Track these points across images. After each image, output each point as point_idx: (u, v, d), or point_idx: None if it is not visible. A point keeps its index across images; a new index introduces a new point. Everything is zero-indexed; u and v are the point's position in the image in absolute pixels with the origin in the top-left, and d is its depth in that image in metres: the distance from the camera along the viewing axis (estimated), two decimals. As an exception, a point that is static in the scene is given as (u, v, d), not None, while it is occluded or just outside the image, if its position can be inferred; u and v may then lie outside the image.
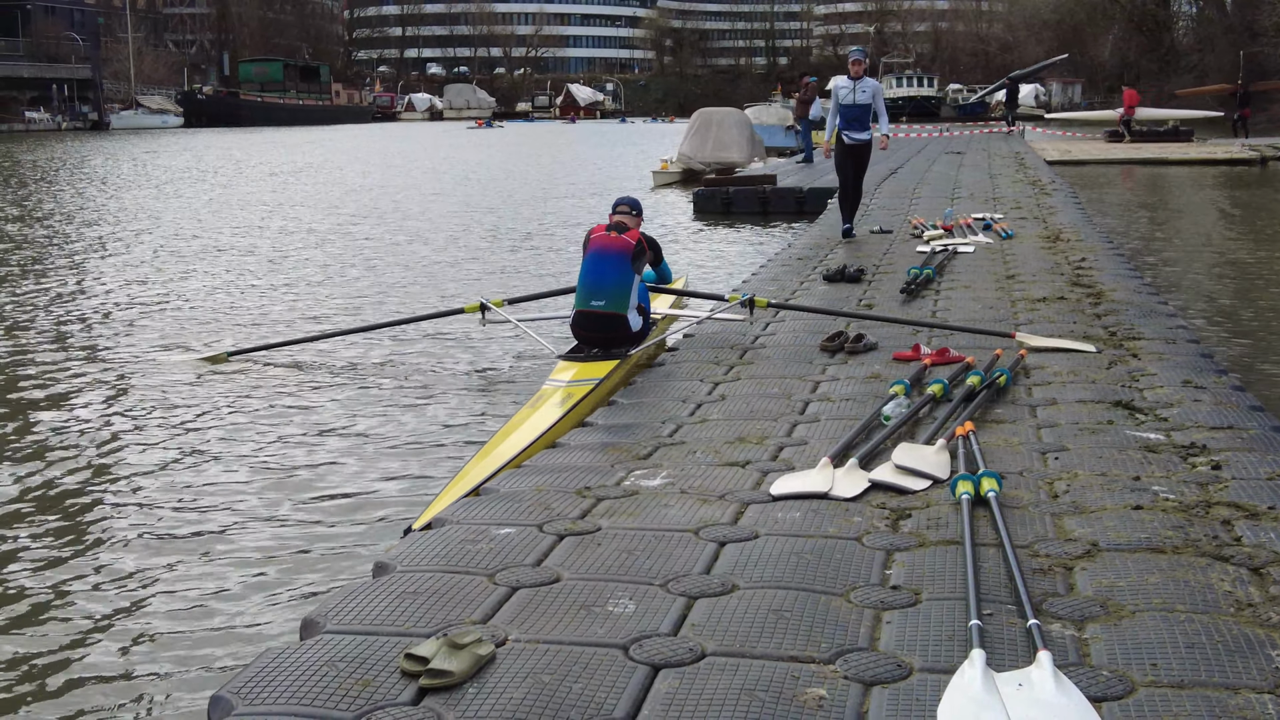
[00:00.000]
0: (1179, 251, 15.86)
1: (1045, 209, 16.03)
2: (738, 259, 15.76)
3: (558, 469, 5.07)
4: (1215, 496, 4.43)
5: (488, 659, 3.18)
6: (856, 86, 12.44)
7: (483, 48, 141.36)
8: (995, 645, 3.25)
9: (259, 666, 3.17)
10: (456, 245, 17.49)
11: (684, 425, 5.77)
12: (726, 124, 29.25)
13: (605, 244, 7.38)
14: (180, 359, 9.37)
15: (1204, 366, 6.64)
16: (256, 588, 5.14)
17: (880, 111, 12.60)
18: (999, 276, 10.18)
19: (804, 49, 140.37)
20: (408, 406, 8.08)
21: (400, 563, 3.93)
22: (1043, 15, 78.69)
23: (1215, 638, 3.27)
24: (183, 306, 12.23)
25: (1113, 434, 5.33)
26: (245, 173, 35.53)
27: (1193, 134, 40.32)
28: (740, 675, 3.10)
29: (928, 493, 4.61)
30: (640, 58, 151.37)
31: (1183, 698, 2.97)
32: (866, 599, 3.59)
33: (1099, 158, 34.27)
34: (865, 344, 7.33)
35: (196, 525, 5.90)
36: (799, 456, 5.14)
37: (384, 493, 6.36)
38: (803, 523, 4.29)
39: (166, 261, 15.83)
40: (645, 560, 3.92)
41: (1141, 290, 9.28)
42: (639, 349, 7.46)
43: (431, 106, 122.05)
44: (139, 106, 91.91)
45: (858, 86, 12.43)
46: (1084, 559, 3.86)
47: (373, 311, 11.70)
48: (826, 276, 10.20)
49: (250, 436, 7.34)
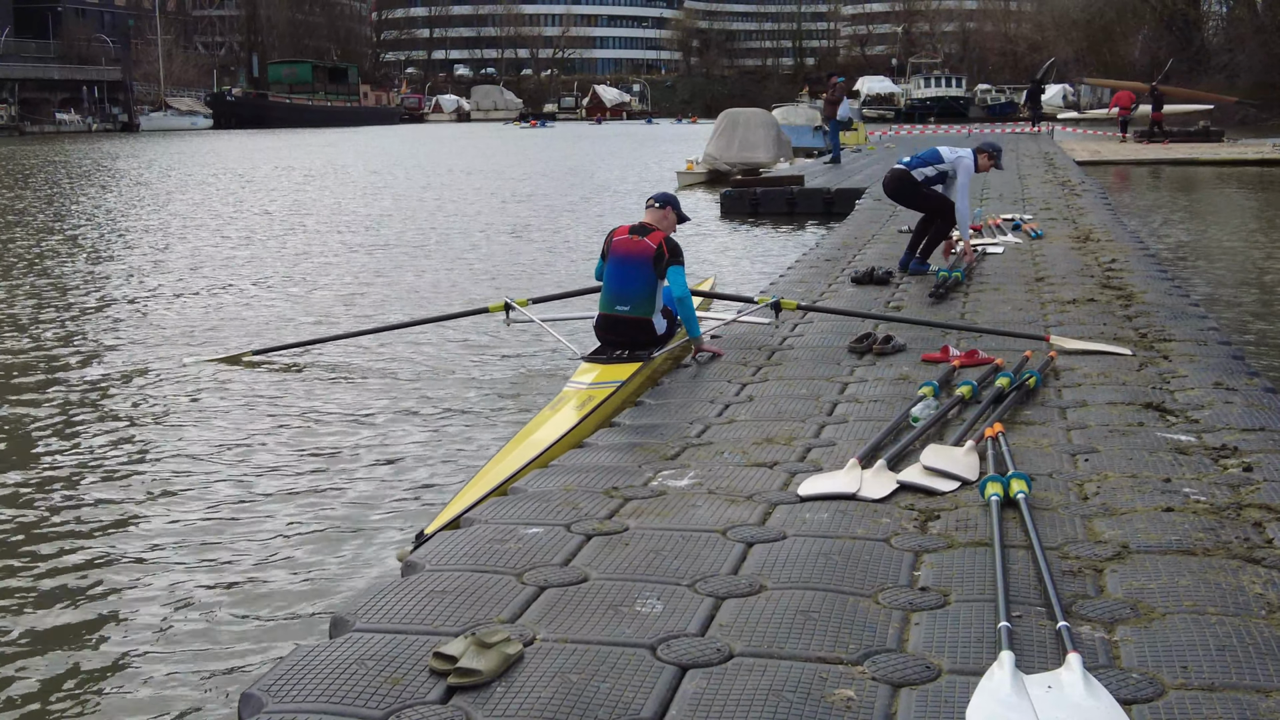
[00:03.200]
0: (1208, 251, 15.77)
1: (1075, 209, 15.95)
2: (765, 260, 15.73)
3: (585, 469, 5.08)
4: (1247, 498, 4.40)
5: (516, 658, 3.18)
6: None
7: (510, 49, 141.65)
8: (1024, 647, 3.24)
9: (289, 664, 3.18)
10: (486, 244, 17.53)
11: (712, 426, 5.77)
12: (753, 124, 29.19)
13: (627, 249, 7.30)
14: (206, 358, 9.42)
15: (1235, 368, 6.59)
16: (286, 586, 5.17)
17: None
18: (1028, 278, 10.13)
19: (831, 49, 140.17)
20: (431, 406, 8.10)
21: (429, 562, 3.94)
22: (1072, 15, 78.23)
23: (1246, 640, 3.25)
24: (208, 305, 12.30)
25: (1143, 435, 5.30)
26: (277, 173, 35.70)
27: (1223, 134, 40.05)
28: (768, 676, 3.10)
29: (956, 494, 4.60)
30: (667, 58, 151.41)
31: (1213, 700, 2.95)
32: (895, 600, 3.58)
33: (1130, 158, 34.07)
34: (894, 345, 7.31)
35: (223, 523, 5.93)
36: (827, 457, 5.14)
37: (411, 491, 6.39)
38: (831, 523, 4.28)
39: (193, 260, 15.93)
40: (673, 560, 3.92)
41: (1172, 292, 9.22)
42: (663, 351, 7.44)
43: (459, 108, 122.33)
44: (168, 108, 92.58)
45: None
46: (1114, 561, 3.84)
47: (397, 310, 11.74)
48: (855, 278, 10.16)
49: (273, 435, 7.38)
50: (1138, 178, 29.83)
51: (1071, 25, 77.62)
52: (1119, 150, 36.23)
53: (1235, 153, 34.66)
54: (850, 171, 25.18)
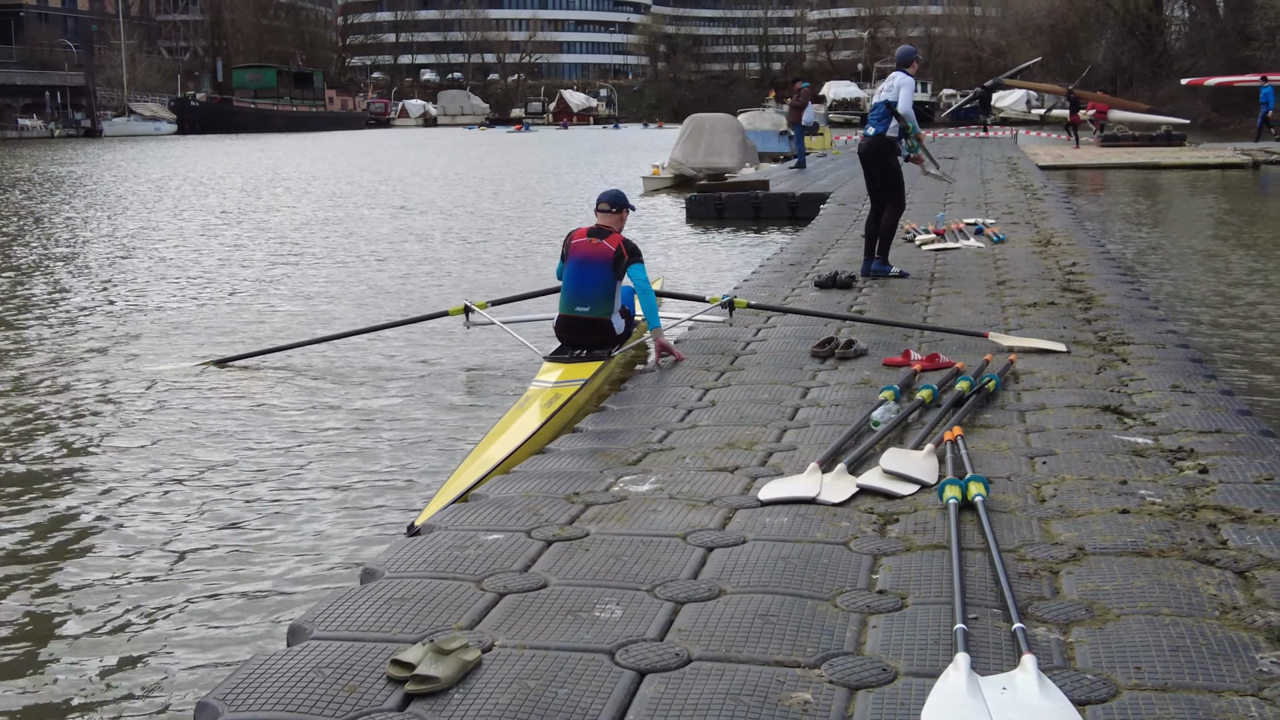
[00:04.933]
0: (1169, 253, 15.91)
1: (1037, 214, 16.07)
2: (730, 265, 15.76)
3: (547, 475, 5.08)
4: (1202, 500, 4.45)
5: (474, 664, 3.18)
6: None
7: (476, 54, 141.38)
8: (980, 649, 3.26)
9: (245, 673, 3.17)
10: (444, 249, 17.49)
11: (674, 431, 5.78)
12: (719, 129, 29.25)
13: (586, 251, 7.53)
14: (169, 366, 9.36)
15: (1193, 371, 6.66)
16: (244, 594, 5.14)
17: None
18: (990, 282, 10.20)
19: (797, 54, 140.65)
20: (395, 410, 8.08)
21: (388, 569, 3.93)
22: (1036, 20, 78.78)
23: (1200, 641, 3.28)
24: (172, 314, 12.22)
25: (1101, 438, 5.35)
26: (238, 180, 35.51)
27: (1185, 138, 40.43)
28: (726, 680, 3.11)
29: (915, 497, 4.62)
30: (634, 63, 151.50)
31: (1167, 701, 2.97)
32: (853, 603, 3.60)
33: (1092, 162, 34.33)
34: (856, 350, 7.34)
35: (183, 530, 5.89)
36: (788, 462, 5.15)
37: (372, 498, 6.36)
38: (790, 527, 4.29)
39: (152, 269, 15.82)
40: (633, 565, 3.92)
41: (1132, 295, 9.30)
42: (622, 350, 7.71)
43: (425, 113, 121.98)
44: (132, 113, 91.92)
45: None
46: (1070, 562, 3.87)
47: (357, 316, 11.70)
48: (818, 283, 10.21)
49: (237, 442, 7.34)
50: (1099, 181, 30.05)
51: (1035, 30, 78.15)
52: (1081, 155, 36.50)
53: (1197, 156, 34.98)
54: (815, 176, 25.27)
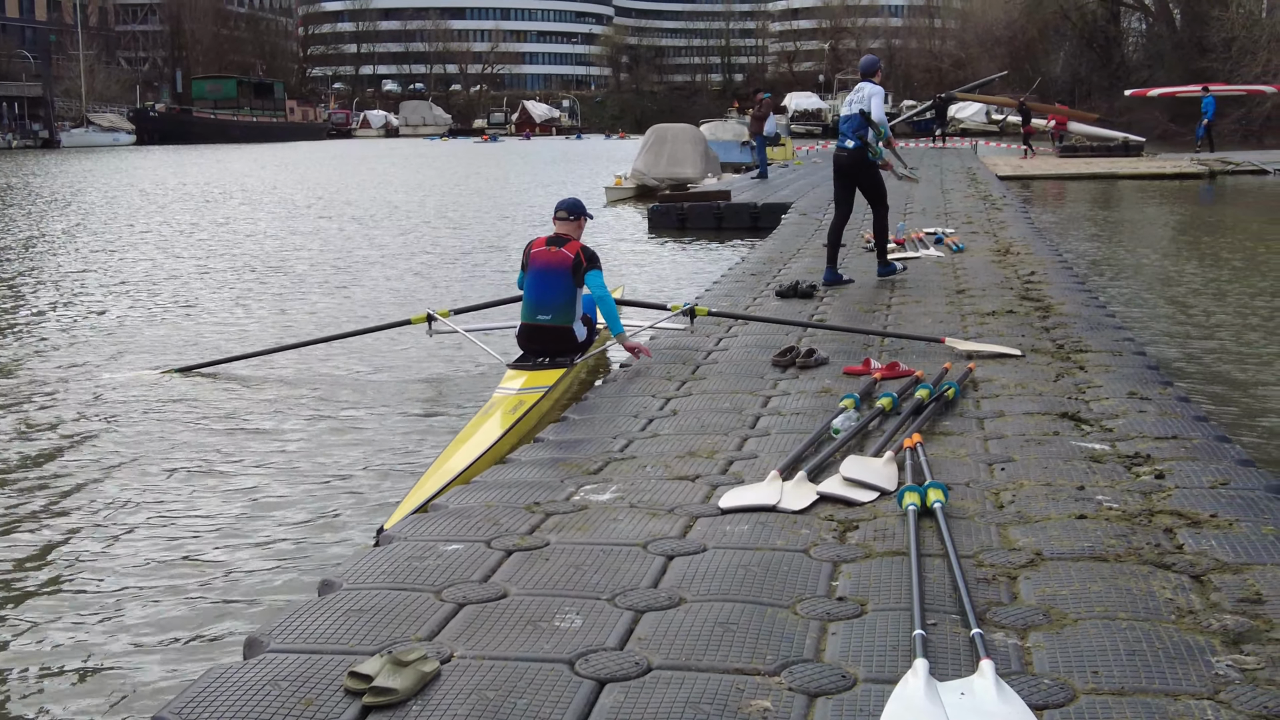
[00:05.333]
0: (1124, 261, 16.06)
1: (996, 223, 16.18)
2: (692, 274, 15.79)
3: (507, 485, 5.06)
4: (1158, 505, 4.48)
5: (432, 676, 3.16)
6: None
7: (439, 64, 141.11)
8: (939, 655, 3.27)
9: (201, 686, 3.14)
10: (407, 259, 17.43)
11: (635, 440, 5.77)
12: (681, 140, 29.33)
13: (546, 260, 7.60)
14: (128, 375, 9.29)
15: (1149, 378, 6.72)
16: (200, 606, 5.09)
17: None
18: (950, 291, 10.26)
19: (759, 66, 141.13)
20: (357, 418, 8.05)
21: (346, 580, 3.91)
22: (995, 32, 79.33)
23: (1156, 645, 3.30)
24: (132, 324, 12.12)
25: (1059, 445, 5.39)
26: (201, 190, 35.27)
27: (1142, 148, 40.85)
28: (686, 688, 3.11)
29: (875, 504, 4.64)
30: (597, 74, 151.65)
31: (1123, 704, 2.99)
32: (813, 610, 3.60)
33: (1050, 173, 34.62)
34: (816, 359, 7.37)
35: (138, 540, 5.83)
36: (749, 470, 5.16)
37: (333, 509, 6.32)
38: (751, 535, 4.30)
39: (111, 279, 15.68)
40: (593, 575, 3.91)
41: (1089, 303, 9.38)
42: (584, 357, 7.83)
43: (387, 123, 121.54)
44: (90, 124, 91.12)
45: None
46: (1028, 568, 3.89)
47: (319, 325, 11.66)
48: (779, 292, 10.24)
49: (196, 451, 7.28)
50: (1058, 191, 30.31)
51: (995, 42, 78.69)
52: (1039, 165, 36.81)
53: (1154, 167, 35.37)
54: (777, 187, 25.35)
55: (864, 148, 10.63)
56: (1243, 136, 49.98)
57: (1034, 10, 71.27)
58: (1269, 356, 9.76)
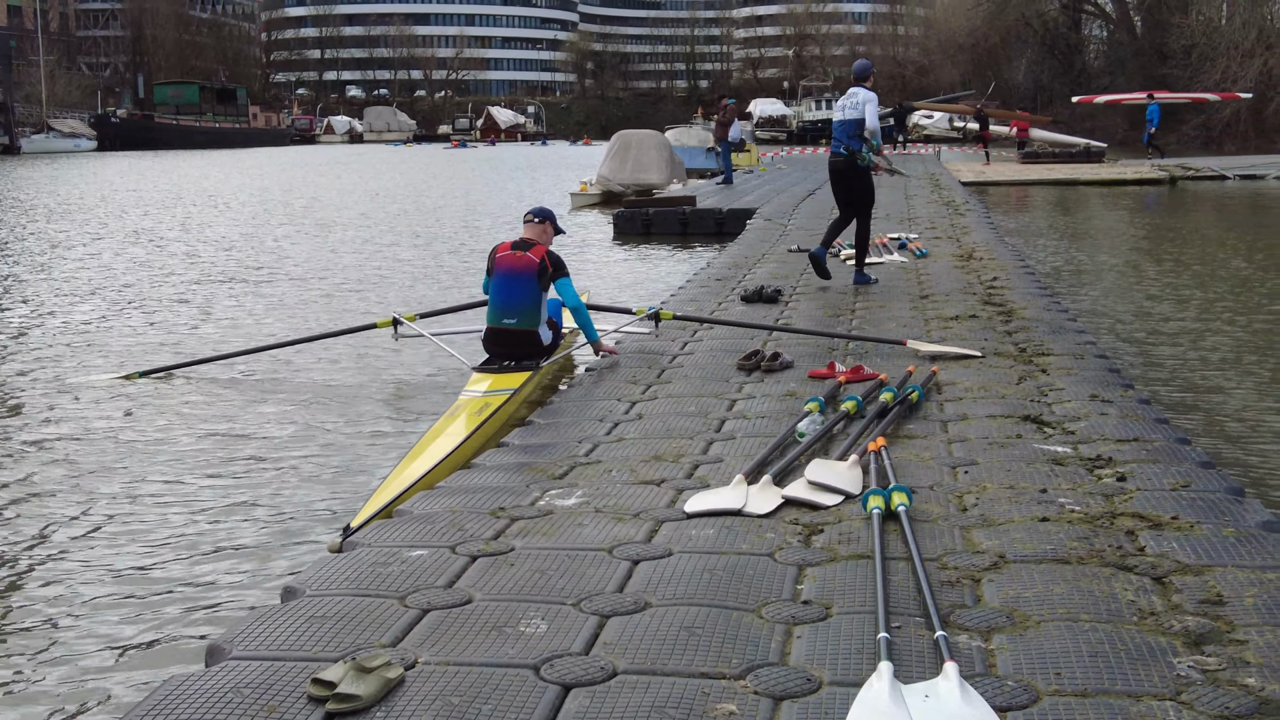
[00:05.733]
0: (1087, 265, 16.18)
1: (959, 229, 16.27)
2: (658, 280, 15.79)
3: (472, 490, 5.04)
4: (1120, 507, 4.51)
5: (396, 682, 3.14)
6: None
7: (403, 70, 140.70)
8: (903, 657, 3.28)
9: (162, 695, 3.11)
10: (373, 262, 17.37)
11: (600, 444, 5.77)
12: (646, 146, 29.34)
13: (511, 264, 7.64)
14: (92, 379, 9.22)
15: (1111, 381, 6.76)
16: (160, 613, 5.04)
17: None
18: (914, 296, 10.31)
19: (724, 72, 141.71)
20: (323, 423, 8.01)
21: (309, 587, 3.88)
22: (958, 39, 79.89)
23: (1118, 646, 3.32)
24: (94, 329, 12.01)
25: (1021, 448, 5.41)
26: (163, 196, 35.02)
27: (1104, 154, 41.20)
28: (651, 693, 3.10)
29: (840, 508, 4.65)
30: (562, 80, 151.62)
31: (1086, 706, 3.01)
32: (778, 614, 3.60)
33: (1013, 179, 34.86)
34: (782, 362, 7.38)
35: (98, 548, 5.77)
36: (714, 474, 5.16)
37: (297, 514, 6.28)
38: (716, 540, 4.30)
39: (73, 284, 15.54)
40: (558, 580, 3.90)
41: (1051, 308, 9.45)
42: (550, 360, 7.85)
43: (351, 129, 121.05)
44: (51, 130, 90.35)
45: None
46: (991, 570, 3.91)
47: (285, 328, 11.61)
48: (744, 297, 10.27)
49: (159, 456, 7.22)
50: (1021, 197, 30.52)
51: (958, 50, 79.27)
52: (1002, 171, 37.05)
53: (1116, 173, 35.65)
54: (742, 192, 25.41)
55: (856, 154, 10.77)
56: (1204, 142, 50.59)
57: (996, 18, 71.84)
58: (1230, 359, 9.85)
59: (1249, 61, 48.29)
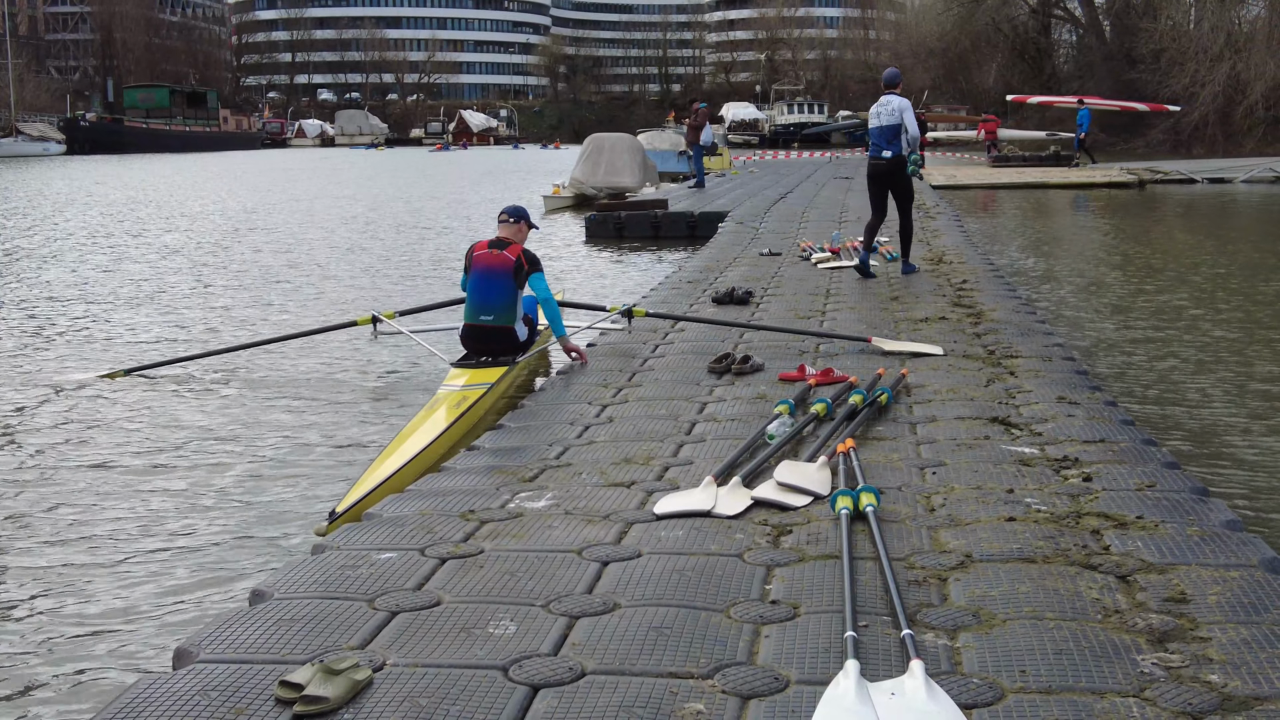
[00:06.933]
0: (1057, 267, 16.28)
1: (930, 232, 16.35)
2: (629, 282, 15.81)
3: (442, 493, 5.04)
4: (1086, 507, 4.55)
5: (364, 684, 3.14)
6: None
7: (375, 73, 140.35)
8: (870, 656, 3.30)
9: (129, 697, 3.10)
10: (349, 263, 17.33)
11: (571, 447, 5.78)
12: (619, 149, 29.35)
13: (488, 262, 7.83)
14: (75, 377, 9.23)
15: (1078, 383, 6.82)
16: (127, 615, 5.02)
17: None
18: (884, 298, 10.36)
19: (697, 76, 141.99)
20: (303, 420, 8.06)
21: (278, 589, 3.87)
22: (929, 44, 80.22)
23: (1083, 644, 3.35)
24: (73, 329, 11.93)
25: (989, 449, 5.45)
26: (132, 198, 34.81)
27: (1073, 158, 41.49)
28: (619, 693, 3.11)
29: (809, 509, 4.67)
30: (535, 84, 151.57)
31: (1051, 703, 3.03)
32: (746, 614, 3.62)
33: (983, 182, 35.05)
34: (752, 365, 7.41)
35: (70, 549, 5.73)
36: (684, 476, 5.18)
37: (273, 514, 6.26)
38: (685, 541, 4.31)
39: (53, 284, 15.43)
40: (528, 581, 3.91)
41: (1020, 310, 9.51)
42: (526, 356, 8.05)
43: (323, 133, 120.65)
44: (19, 134, 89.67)
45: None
46: (958, 570, 3.93)
47: (265, 327, 11.61)
48: (715, 299, 10.30)
49: (134, 455, 7.20)
50: (990, 201, 30.69)
51: (929, 54, 79.56)
52: (974, 174, 37.24)
53: (1084, 176, 35.90)
54: (714, 196, 25.46)
55: (899, 158, 11.63)
56: (1172, 146, 50.99)
57: (966, 22, 72.19)
58: (1195, 360, 9.93)
59: (1217, 66, 48.67)
